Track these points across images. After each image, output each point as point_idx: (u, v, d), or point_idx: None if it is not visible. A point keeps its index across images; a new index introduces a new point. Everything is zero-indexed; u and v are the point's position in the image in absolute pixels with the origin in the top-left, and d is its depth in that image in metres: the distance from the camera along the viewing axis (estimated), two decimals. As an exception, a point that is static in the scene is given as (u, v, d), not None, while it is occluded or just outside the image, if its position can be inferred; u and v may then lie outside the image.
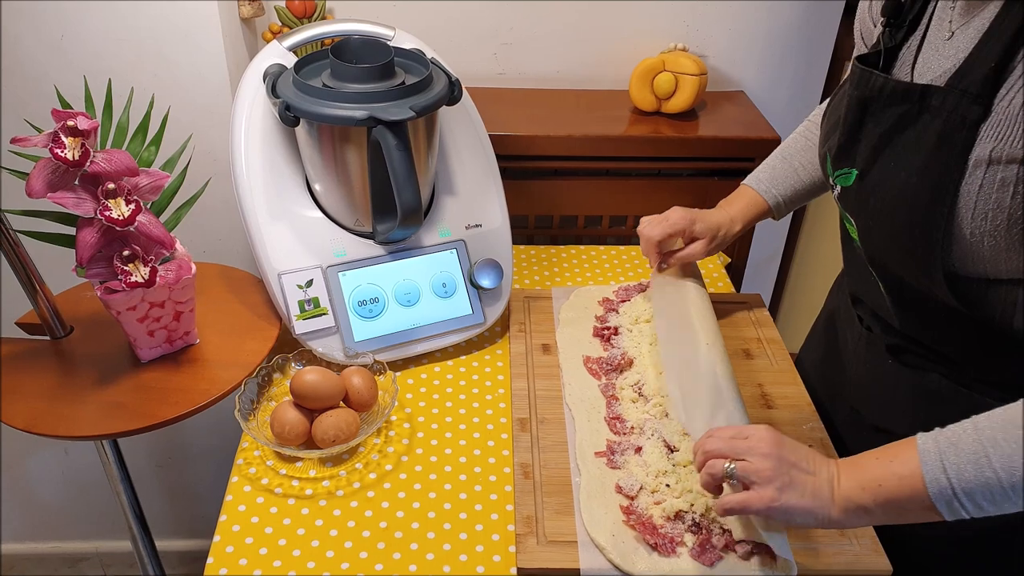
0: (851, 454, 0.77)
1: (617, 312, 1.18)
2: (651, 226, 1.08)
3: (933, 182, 0.74)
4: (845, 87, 0.90)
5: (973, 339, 0.82)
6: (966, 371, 0.85)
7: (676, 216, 1.08)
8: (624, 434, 0.98)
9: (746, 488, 0.77)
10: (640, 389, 1.04)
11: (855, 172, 0.83)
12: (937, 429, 0.71)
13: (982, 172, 0.71)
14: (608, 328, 1.15)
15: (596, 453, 0.96)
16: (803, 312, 1.90)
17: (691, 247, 1.10)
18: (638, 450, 0.95)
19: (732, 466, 0.77)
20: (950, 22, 0.79)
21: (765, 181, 1.12)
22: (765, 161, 1.14)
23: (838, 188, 0.87)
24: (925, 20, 0.82)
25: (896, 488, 0.71)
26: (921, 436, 0.72)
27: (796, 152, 1.11)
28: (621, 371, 1.08)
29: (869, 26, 0.92)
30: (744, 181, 1.14)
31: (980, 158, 0.71)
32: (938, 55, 0.79)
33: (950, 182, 0.73)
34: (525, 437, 0.99)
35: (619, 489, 0.91)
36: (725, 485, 0.80)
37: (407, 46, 1.13)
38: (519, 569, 0.84)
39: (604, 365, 1.09)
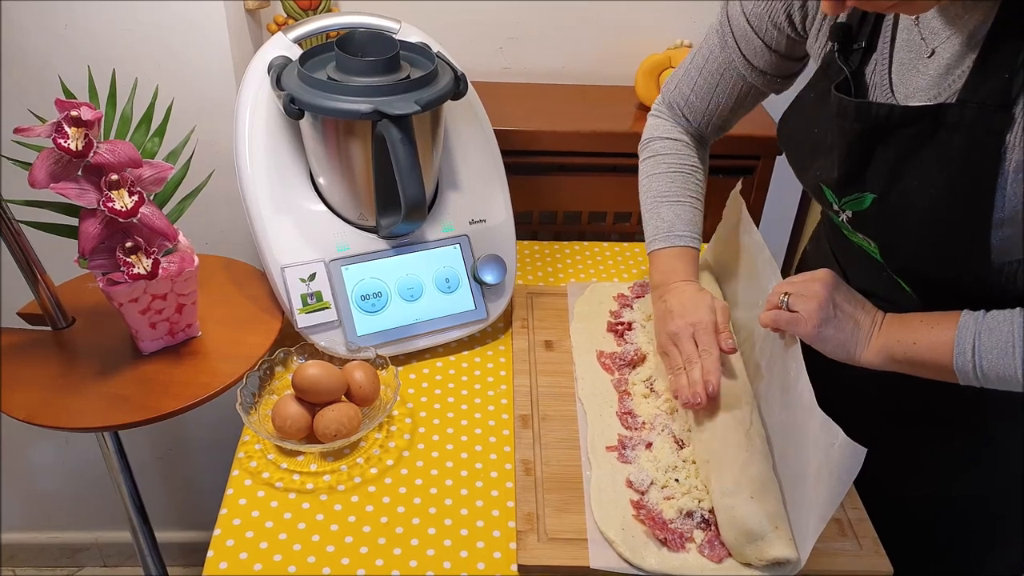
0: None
1: (632, 308, 1.18)
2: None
3: (965, 193, 0.74)
4: (813, 112, 0.89)
5: None
6: None
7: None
8: (635, 429, 0.99)
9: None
10: (652, 385, 1.03)
11: (871, 196, 0.83)
12: (983, 311, 0.78)
13: None
14: (622, 323, 1.15)
15: (607, 447, 0.96)
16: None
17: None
18: (649, 445, 0.95)
19: (786, 297, 0.87)
20: (922, 40, 0.79)
21: (689, 231, 1.05)
22: (659, 215, 1.05)
23: (848, 213, 0.87)
24: (885, 42, 0.82)
25: (927, 350, 0.80)
26: (966, 312, 0.78)
27: (684, 190, 1.06)
28: (634, 367, 1.08)
29: (781, 18, 0.93)
30: (673, 244, 1.04)
31: (1020, 161, 0.71)
32: (920, 74, 0.79)
33: (987, 189, 0.73)
34: (527, 434, 0.99)
35: (630, 484, 0.91)
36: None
37: (413, 40, 1.12)
38: (520, 566, 0.84)
39: (617, 360, 1.09)
